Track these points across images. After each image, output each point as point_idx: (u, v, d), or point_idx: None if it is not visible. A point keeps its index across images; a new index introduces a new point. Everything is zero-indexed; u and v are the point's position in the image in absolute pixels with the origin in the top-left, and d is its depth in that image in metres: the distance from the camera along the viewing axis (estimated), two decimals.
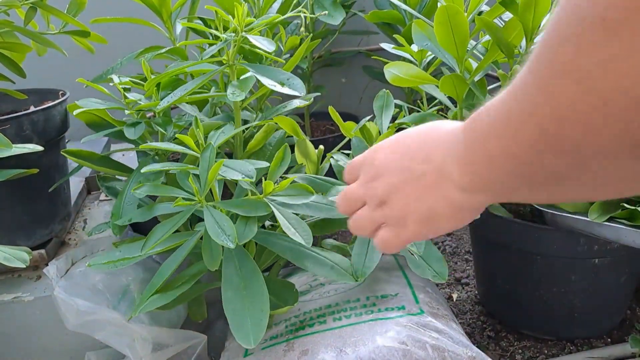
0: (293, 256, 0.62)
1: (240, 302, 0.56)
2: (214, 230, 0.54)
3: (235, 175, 0.57)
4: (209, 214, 0.57)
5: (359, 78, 1.69)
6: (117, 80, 0.73)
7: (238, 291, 0.57)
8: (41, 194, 0.82)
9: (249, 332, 0.54)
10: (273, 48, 0.65)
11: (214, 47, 0.67)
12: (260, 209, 0.60)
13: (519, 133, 0.31)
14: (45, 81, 1.03)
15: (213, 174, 0.56)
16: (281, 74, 0.67)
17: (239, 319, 0.55)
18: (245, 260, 0.59)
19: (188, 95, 0.67)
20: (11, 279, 0.81)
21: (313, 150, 0.75)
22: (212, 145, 0.59)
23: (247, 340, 0.53)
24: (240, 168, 0.58)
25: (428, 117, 0.77)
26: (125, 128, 0.71)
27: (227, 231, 0.54)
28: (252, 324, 0.54)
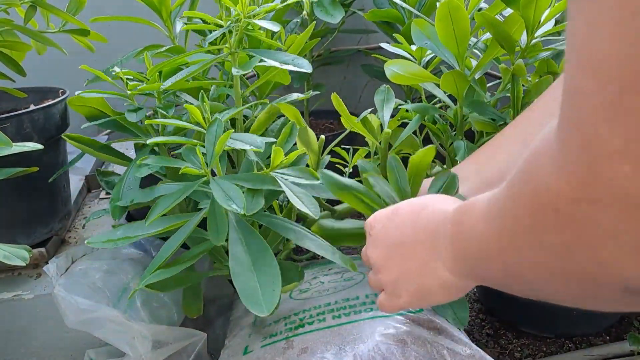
0: (295, 236, 0.61)
1: (249, 275, 0.55)
2: (222, 198, 0.53)
3: (243, 146, 0.57)
4: (216, 184, 0.56)
5: (359, 76, 1.69)
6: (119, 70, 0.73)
7: (246, 265, 0.56)
8: (41, 192, 0.82)
9: (261, 301, 0.53)
10: (277, 29, 0.66)
11: (215, 32, 0.68)
12: (267, 182, 0.59)
13: (491, 263, 0.35)
14: (45, 80, 1.03)
15: (221, 144, 0.55)
16: (285, 55, 0.68)
17: (250, 290, 0.54)
18: (251, 235, 0.59)
19: (190, 80, 0.67)
20: (11, 277, 0.82)
21: (314, 140, 0.76)
22: (220, 118, 0.59)
23: (260, 308, 0.52)
24: (249, 140, 0.58)
25: (430, 109, 0.77)
26: (127, 113, 0.71)
27: (236, 199, 0.53)
28: (263, 294, 0.53)
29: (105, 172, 0.83)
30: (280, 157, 0.60)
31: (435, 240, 0.42)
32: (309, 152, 0.74)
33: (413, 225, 0.45)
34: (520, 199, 0.29)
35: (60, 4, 0.82)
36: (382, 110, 0.78)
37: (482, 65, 0.74)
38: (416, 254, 0.44)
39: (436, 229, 0.42)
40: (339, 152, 0.84)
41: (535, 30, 0.72)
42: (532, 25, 0.71)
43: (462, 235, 0.38)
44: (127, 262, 0.83)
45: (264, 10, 0.67)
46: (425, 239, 0.43)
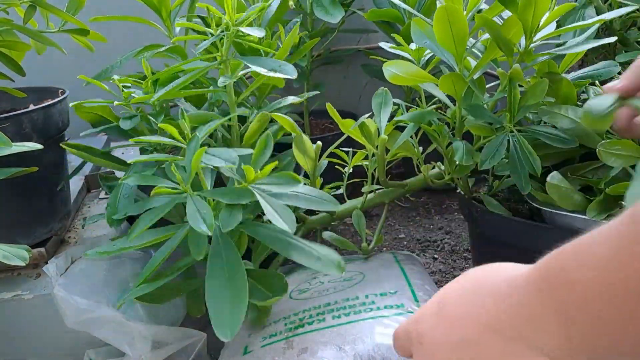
0: (280, 247, 0.62)
1: (221, 293, 0.56)
2: (193, 218, 0.55)
3: (217, 163, 0.57)
4: (192, 202, 0.57)
5: (358, 76, 1.69)
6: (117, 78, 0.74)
7: (221, 282, 0.57)
8: (41, 192, 0.82)
9: (226, 324, 0.54)
10: (263, 34, 0.66)
11: (204, 43, 0.68)
12: (244, 196, 0.60)
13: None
14: (45, 79, 1.03)
15: (196, 161, 0.57)
16: (273, 62, 0.68)
17: (219, 310, 0.55)
18: (229, 251, 0.59)
19: (182, 90, 0.68)
20: (11, 277, 0.82)
21: (311, 147, 0.75)
22: (198, 135, 0.60)
23: (224, 332, 0.53)
24: (224, 155, 0.58)
25: (427, 115, 0.77)
26: (121, 120, 0.73)
27: (207, 219, 0.55)
28: (230, 316, 0.54)
29: (107, 177, 0.84)
30: (252, 173, 0.61)
31: (518, 323, 0.30)
32: (306, 159, 0.75)
33: (475, 310, 0.32)
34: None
35: (59, 4, 0.82)
36: (380, 114, 0.78)
37: (480, 66, 0.74)
38: (490, 350, 0.30)
39: (513, 303, 0.30)
40: (338, 154, 0.84)
41: (534, 33, 0.72)
42: (530, 29, 0.71)
43: (575, 295, 0.27)
44: (127, 262, 0.83)
45: (252, 14, 0.67)
46: (501, 324, 0.30)
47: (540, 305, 0.29)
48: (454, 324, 0.33)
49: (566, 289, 0.28)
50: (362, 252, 0.88)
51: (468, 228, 1.07)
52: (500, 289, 0.32)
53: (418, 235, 1.35)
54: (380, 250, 1.26)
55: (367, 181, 0.84)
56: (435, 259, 1.23)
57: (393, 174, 1.67)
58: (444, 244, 1.30)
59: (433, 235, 1.34)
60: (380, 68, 0.75)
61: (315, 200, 0.65)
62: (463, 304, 0.33)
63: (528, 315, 0.29)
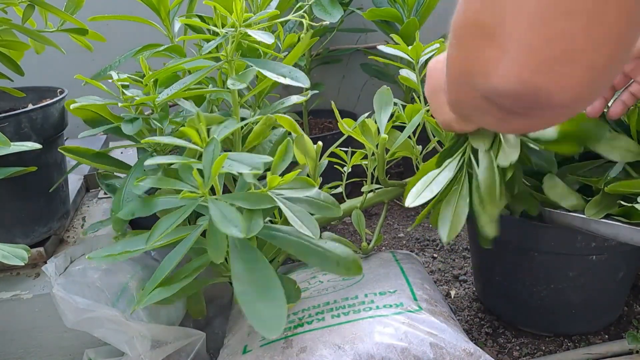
0: (297, 250, 0.61)
1: (254, 295, 0.54)
2: (222, 222, 0.53)
3: (242, 169, 0.56)
4: (214, 206, 0.56)
5: (357, 76, 1.69)
6: (116, 77, 0.74)
7: (249, 284, 0.55)
8: (39, 192, 0.82)
9: (267, 322, 0.52)
10: (272, 41, 0.65)
11: (212, 43, 0.67)
12: (265, 201, 0.59)
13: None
14: (44, 79, 1.03)
15: (217, 166, 0.56)
16: (282, 67, 0.67)
17: (257, 312, 0.53)
18: (251, 253, 0.59)
19: (186, 90, 0.67)
20: (10, 276, 0.82)
21: (312, 147, 0.75)
22: (216, 139, 0.59)
23: (268, 330, 0.51)
24: (247, 161, 0.58)
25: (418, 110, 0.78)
26: (123, 124, 0.71)
27: (235, 222, 0.53)
28: (269, 315, 0.52)
29: (105, 175, 0.83)
30: (276, 181, 0.60)
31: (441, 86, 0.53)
32: (307, 159, 0.74)
33: (435, 80, 0.59)
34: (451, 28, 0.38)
35: (58, 3, 0.82)
36: (380, 114, 0.78)
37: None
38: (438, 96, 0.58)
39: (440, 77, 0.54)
40: (337, 153, 0.84)
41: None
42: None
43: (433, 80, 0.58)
44: (126, 261, 0.83)
45: (260, 18, 0.67)
46: (439, 86, 0.56)
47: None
48: (429, 84, 0.60)
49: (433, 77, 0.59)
50: (361, 252, 0.88)
51: (467, 227, 1.07)
52: (438, 72, 0.58)
53: (417, 234, 1.35)
54: (380, 249, 1.26)
55: (366, 180, 0.84)
56: (434, 258, 1.23)
57: (392, 173, 1.67)
58: (443, 243, 1.30)
59: (432, 235, 1.34)
60: (379, 67, 0.76)
61: (323, 205, 0.65)
62: (431, 77, 0.60)
63: (442, 83, 0.49)
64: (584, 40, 0.31)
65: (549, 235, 0.79)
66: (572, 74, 0.32)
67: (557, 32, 0.31)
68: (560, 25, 0.31)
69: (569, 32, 0.31)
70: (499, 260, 0.92)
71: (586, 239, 0.77)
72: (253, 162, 0.57)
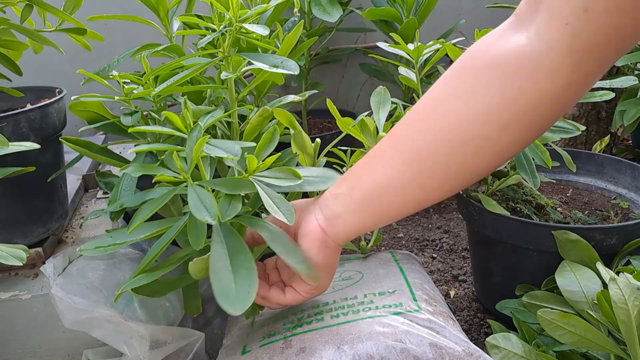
0: (269, 237, 0.60)
1: (227, 273, 0.54)
2: (196, 207, 0.54)
3: (219, 153, 0.56)
4: (193, 190, 0.56)
5: (357, 75, 1.69)
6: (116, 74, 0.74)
7: (225, 264, 0.55)
8: (38, 192, 0.82)
9: (235, 300, 0.52)
10: (266, 32, 0.65)
11: (207, 37, 0.68)
12: (244, 187, 0.59)
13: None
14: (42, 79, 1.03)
15: (197, 150, 0.56)
16: (275, 58, 0.68)
17: (225, 289, 0.53)
18: (231, 237, 0.58)
19: (183, 85, 0.67)
20: (8, 277, 0.81)
21: (309, 144, 0.75)
22: (200, 125, 0.59)
23: (233, 307, 0.51)
24: (225, 146, 0.58)
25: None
26: (122, 116, 0.72)
27: (209, 208, 0.54)
28: (238, 293, 0.53)
29: (104, 173, 0.83)
30: (254, 163, 0.60)
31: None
32: (305, 156, 0.74)
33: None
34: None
35: (57, 3, 0.82)
36: (378, 113, 0.78)
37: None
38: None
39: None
40: (336, 153, 0.84)
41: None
42: None
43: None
44: (125, 261, 0.83)
45: (256, 13, 0.67)
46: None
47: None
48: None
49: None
50: (360, 251, 0.88)
51: (466, 227, 1.07)
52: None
53: (416, 234, 1.35)
54: (379, 249, 1.26)
55: None
56: (433, 258, 1.23)
57: None
58: (442, 243, 1.30)
59: (431, 235, 1.34)
60: (379, 67, 0.76)
61: (318, 180, 0.65)
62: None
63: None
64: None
65: (548, 235, 0.79)
66: None
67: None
68: None
69: None
70: (498, 260, 0.92)
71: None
72: (231, 148, 0.57)
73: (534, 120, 0.46)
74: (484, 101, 0.46)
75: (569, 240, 0.77)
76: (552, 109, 0.45)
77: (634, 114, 1.14)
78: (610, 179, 1.02)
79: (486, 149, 0.48)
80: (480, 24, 0.89)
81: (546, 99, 0.44)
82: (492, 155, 0.49)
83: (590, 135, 1.43)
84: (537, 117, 0.46)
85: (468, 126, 0.48)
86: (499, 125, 0.46)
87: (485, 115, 0.47)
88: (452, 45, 0.83)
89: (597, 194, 1.02)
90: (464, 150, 0.49)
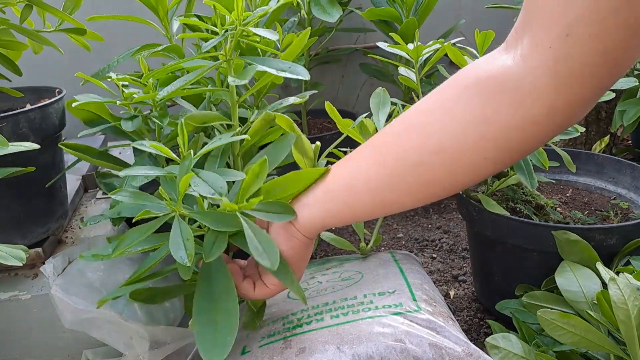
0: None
1: (207, 317, 0.55)
2: (175, 244, 0.53)
3: (204, 190, 0.55)
4: (177, 225, 0.55)
5: (356, 75, 1.69)
6: (115, 77, 0.73)
7: (209, 304, 0.56)
8: (38, 192, 0.82)
9: (212, 349, 0.53)
10: (276, 37, 0.65)
11: (211, 41, 0.67)
12: (231, 224, 0.57)
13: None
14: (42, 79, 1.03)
15: (183, 186, 0.55)
16: (282, 63, 0.67)
17: (205, 333, 0.54)
18: (220, 274, 0.58)
19: (186, 89, 0.67)
20: (8, 277, 0.81)
21: (309, 147, 0.75)
22: (191, 156, 0.58)
23: (209, 355, 0.53)
24: (212, 181, 0.56)
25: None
26: (123, 121, 0.71)
27: (187, 247, 0.53)
28: (215, 340, 0.54)
29: (104, 173, 0.83)
30: (244, 196, 0.58)
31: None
32: (305, 159, 0.74)
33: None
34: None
35: (56, 3, 0.82)
36: (378, 114, 0.78)
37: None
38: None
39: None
40: (336, 154, 0.84)
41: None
42: None
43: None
44: (125, 262, 0.83)
45: (259, 16, 0.66)
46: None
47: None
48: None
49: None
50: (360, 252, 0.88)
51: (466, 227, 1.07)
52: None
53: (416, 234, 1.35)
54: (379, 249, 1.26)
55: None
56: (433, 258, 1.23)
57: None
58: (442, 244, 1.30)
59: (431, 235, 1.34)
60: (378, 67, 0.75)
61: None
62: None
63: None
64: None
65: (548, 235, 0.79)
66: None
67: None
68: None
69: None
70: (498, 260, 0.92)
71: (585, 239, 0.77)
72: (217, 184, 0.56)
73: (510, 140, 0.46)
74: (461, 116, 0.47)
75: (569, 241, 0.77)
76: (532, 132, 0.45)
77: (633, 114, 1.14)
78: (610, 179, 1.02)
79: (457, 163, 0.48)
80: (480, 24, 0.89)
81: (525, 121, 0.44)
82: (462, 171, 0.49)
83: (590, 135, 1.43)
84: (514, 138, 0.45)
85: (441, 137, 0.48)
86: (472, 141, 0.47)
87: (459, 130, 0.47)
88: (451, 45, 0.83)
89: (597, 194, 1.02)
90: (434, 160, 0.49)
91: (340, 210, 0.58)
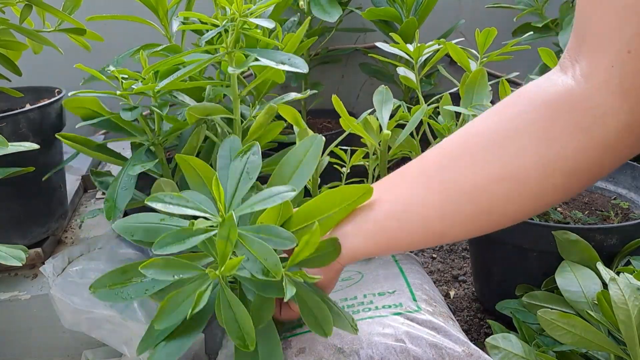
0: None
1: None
2: (231, 327, 0.46)
3: (255, 270, 0.47)
4: (225, 298, 0.47)
5: (356, 75, 1.69)
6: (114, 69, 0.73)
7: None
8: (37, 192, 0.82)
9: None
10: (272, 25, 0.64)
11: (212, 32, 0.67)
12: (281, 289, 0.49)
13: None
14: (41, 79, 1.03)
15: (230, 267, 0.46)
16: (282, 54, 0.66)
17: None
18: (265, 342, 0.53)
19: (185, 81, 0.66)
20: (7, 277, 0.81)
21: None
22: (234, 217, 0.47)
23: None
24: (264, 255, 0.47)
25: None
26: (122, 111, 0.70)
27: (245, 328, 0.46)
28: None
29: (99, 172, 0.83)
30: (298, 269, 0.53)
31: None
32: None
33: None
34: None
35: (56, 3, 0.82)
36: (381, 111, 0.78)
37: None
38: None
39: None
40: (337, 153, 0.84)
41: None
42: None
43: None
44: (124, 262, 0.82)
45: (260, 7, 0.66)
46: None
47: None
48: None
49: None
50: None
51: None
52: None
53: None
54: None
55: (366, 180, 0.84)
56: (433, 258, 1.23)
57: None
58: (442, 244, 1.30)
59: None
60: (378, 67, 0.75)
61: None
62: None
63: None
64: None
65: (548, 235, 0.79)
66: None
67: None
68: None
69: None
70: (497, 260, 0.92)
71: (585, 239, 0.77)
72: (270, 260, 0.47)
73: (580, 163, 0.42)
74: (527, 139, 0.44)
75: (569, 241, 0.77)
76: (604, 154, 0.42)
77: None
78: (610, 179, 1.02)
79: (522, 191, 0.45)
80: (480, 24, 0.88)
81: (597, 142, 0.41)
82: (528, 200, 0.45)
83: None
84: (584, 160, 0.42)
85: (505, 163, 0.45)
86: (540, 165, 0.43)
87: (525, 154, 0.44)
88: (452, 44, 0.83)
89: (597, 194, 1.02)
90: (495, 189, 0.45)
91: (387, 242, 0.53)
